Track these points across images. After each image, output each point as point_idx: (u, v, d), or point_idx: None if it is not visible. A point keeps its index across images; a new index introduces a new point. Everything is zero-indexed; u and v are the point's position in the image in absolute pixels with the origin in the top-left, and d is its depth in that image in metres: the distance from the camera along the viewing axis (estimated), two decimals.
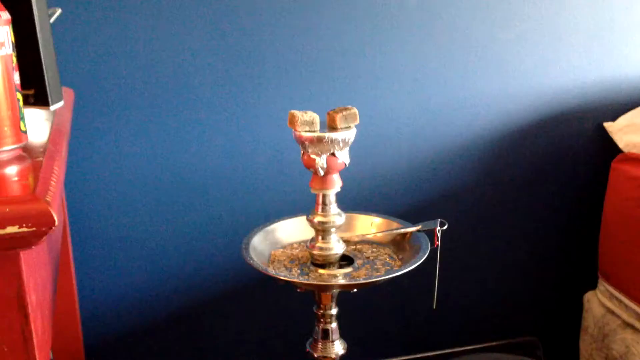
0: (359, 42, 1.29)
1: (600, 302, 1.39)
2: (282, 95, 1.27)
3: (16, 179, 0.57)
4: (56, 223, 0.49)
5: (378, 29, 1.29)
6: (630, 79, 1.45)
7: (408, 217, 1.08)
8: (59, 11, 0.96)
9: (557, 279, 1.56)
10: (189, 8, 1.19)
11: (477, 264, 1.50)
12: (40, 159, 0.61)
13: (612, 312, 1.35)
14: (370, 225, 1.06)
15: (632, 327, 1.29)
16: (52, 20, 0.94)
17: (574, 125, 1.45)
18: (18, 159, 0.62)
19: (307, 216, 0.97)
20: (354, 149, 0.94)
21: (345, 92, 1.30)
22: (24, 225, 0.48)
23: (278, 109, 1.27)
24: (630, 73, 1.45)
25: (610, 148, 1.40)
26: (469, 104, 1.38)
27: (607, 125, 1.43)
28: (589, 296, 1.45)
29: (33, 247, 0.51)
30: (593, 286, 1.45)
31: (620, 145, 1.38)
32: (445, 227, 0.98)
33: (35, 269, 0.57)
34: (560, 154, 1.46)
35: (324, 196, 0.94)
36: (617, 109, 1.43)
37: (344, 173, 0.95)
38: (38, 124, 0.77)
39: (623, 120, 1.41)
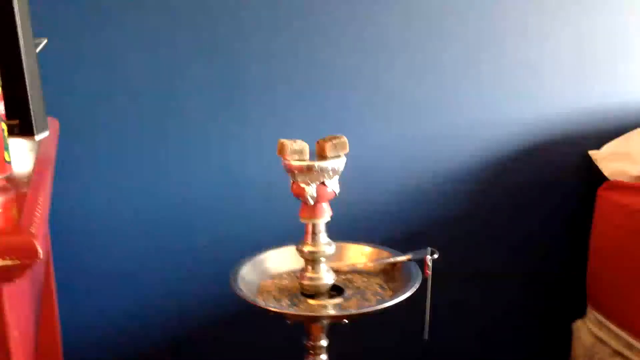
0: (348, 71, 1.29)
1: (589, 330, 1.39)
2: (271, 124, 1.27)
3: (0, 210, 0.56)
4: (40, 256, 0.48)
5: (367, 58, 1.30)
6: (614, 107, 1.47)
7: (398, 245, 1.07)
8: (45, 41, 0.96)
9: (546, 308, 1.55)
10: (178, 37, 1.19)
11: (466, 293, 1.49)
12: (25, 190, 0.60)
13: (602, 341, 1.34)
14: (360, 255, 1.05)
15: (622, 355, 1.28)
16: (38, 50, 0.93)
17: (560, 153, 1.46)
18: (2, 189, 0.60)
19: (297, 246, 0.95)
20: (344, 178, 0.94)
21: (334, 120, 1.30)
22: (7, 257, 0.47)
23: (267, 137, 1.26)
24: (614, 101, 1.47)
25: (596, 176, 1.41)
26: (457, 133, 1.39)
27: (592, 153, 1.44)
28: (578, 325, 1.44)
29: (16, 280, 0.50)
30: (582, 314, 1.44)
31: (606, 173, 1.39)
32: (435, 256, 0.97)
33: (17, 304, 0.55)
34: (547, 182, 1.47)
35: (313, 225, 0.94)
36: (602, 137, 1.44)
37: (334, 202, 0.94)
38: (22, 154, 0.76)
39: (608, 148, 1.43)
